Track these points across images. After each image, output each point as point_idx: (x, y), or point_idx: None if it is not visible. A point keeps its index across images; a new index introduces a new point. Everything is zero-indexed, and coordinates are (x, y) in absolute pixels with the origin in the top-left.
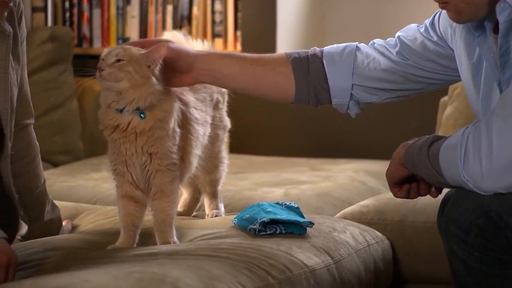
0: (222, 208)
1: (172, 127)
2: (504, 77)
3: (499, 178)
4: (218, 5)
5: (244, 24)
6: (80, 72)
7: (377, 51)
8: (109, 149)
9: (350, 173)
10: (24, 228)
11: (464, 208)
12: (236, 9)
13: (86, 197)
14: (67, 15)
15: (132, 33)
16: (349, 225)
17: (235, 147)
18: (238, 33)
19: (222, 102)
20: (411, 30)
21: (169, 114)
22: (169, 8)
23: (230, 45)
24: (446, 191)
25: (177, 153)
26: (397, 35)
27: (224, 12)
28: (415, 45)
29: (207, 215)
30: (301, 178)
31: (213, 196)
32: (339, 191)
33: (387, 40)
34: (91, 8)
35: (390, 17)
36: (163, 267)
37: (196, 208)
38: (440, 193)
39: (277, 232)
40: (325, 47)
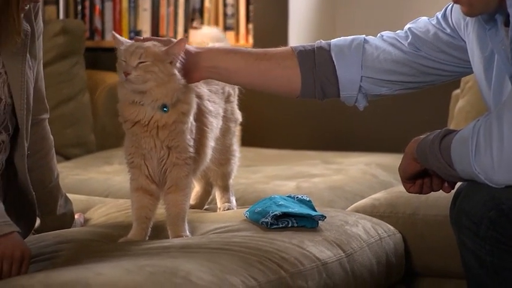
0: (234, 201)
1: (191, 120)
2: None
3: (511, 170)
4: None
5: (256, 17)
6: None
7: (387, 43)
8: (126, 142)
9: (362, 166)
10: (37, 221)
11: (476, 201)
12: (248, 2)
13: (98, 190)
14: (79, 8)
15: (144, 26)
16: (361, 219)
17: (247, 140)
18: (250, 26)
19: (233, 96)
20: (422, 22)
21: (191, 107)
22: (181, 0)
23: (242, 38)
24: (459, 185)
25: (194, 146)
26: (408, 27)
27: (236, 5)
28: (428, 37)
29: (219, 209)
30: (313, 171)
31: (225, 189)
32: (350, 184)
33: (396, 32)
34: (103, 0)
35: (401, 10)
36: (175, 260)
37: (208, 201)
38: (453, 188)
39: (289, 225)
40: (331, 40)
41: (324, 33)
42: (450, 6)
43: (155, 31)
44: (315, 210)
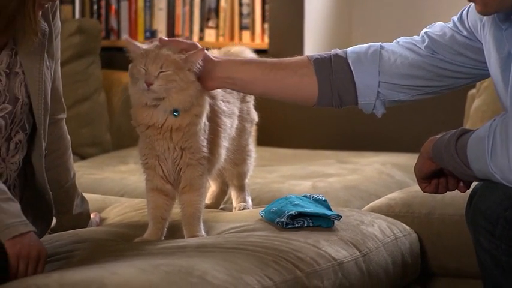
0: (250, 201)
1: (204, 121)
2: None
3: None
4: None
5: (272, 17)
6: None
7: (403, 48)
8: (140, 143)
9: (377, 165)
10: (53, 221)
11: (492, 200)
12: (264, 1)
13: (114, 189)
14: (95, 7)
15: (160, 25)
16: (376, 218)
17: (263, 140)
18: (265, 25)
19: (250, 95)
20: (438, 26)
21: (204, 109)
22: (196, 0)
23: (257, 38)
24: (474, 184)
25: (207, 146)
26: (424, 31)
27: (252, 5)
28: (445, 40)
29: (235, 208)
30: (328, 171)
31: (241, 189)
32: (366, 184)
33: (413, 37)
34: (118, 0)
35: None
36: (191, 260)
37: (224, 201)
38: (469, 188)
39: (305, 225)
40: (348, 48)
41: (339, 32)
42: (466, 9)
43: (171, 31)
44: (331, 210)
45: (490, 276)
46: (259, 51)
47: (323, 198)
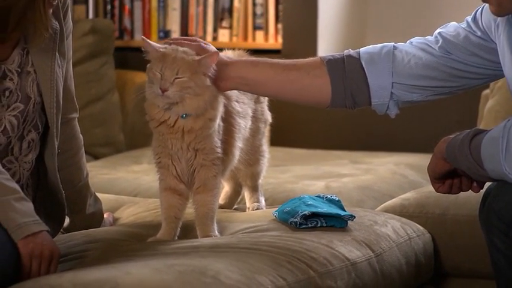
0: (263, 201)
1: (218, 122)
2: None
3: None
4: None
5: (286, 17)
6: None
7: (417, 48)
8: (154, 141)
9: (391, 166)
10: (66, 220)
11: (506, 201)
12: (277, 1)
13: (127, 189)
14: (108, 7)
15: (173, 25)
16: (390, 219)
17: (276, 140)
18: (279, 25)
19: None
20: (452, 27)
21: (218, 112)
22: (210, 0)
23: (271, 38)
24: (488, 185)
25: (221, 147)
26: (438, 32)
27: (265, 5)
28: (458, 40)
29: (248, 208)
30: (342, 171)
31: (254, 189)
32: (379, 184)
33: (426, 37)
34: (132, 0)
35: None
36: (204, 260)
37: (237, 201)
38: (482, 188)
39: (318, 225)
40: (361, 49)
41: (353, 32)
42: (480, 9)
43: (184, 31)
44: (344, 210)
45: (503, 276)
46: (272, 52)
47: (336, 199)
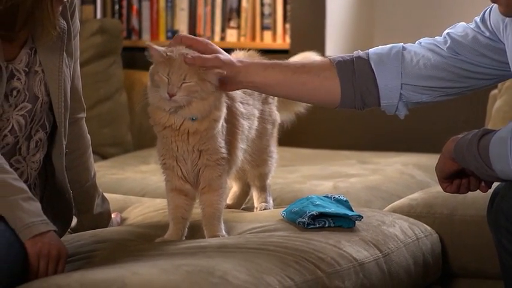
0: (271, 201)
1: (221, 123)
2: None
3: None
4: None
5: (294, 17)
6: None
7: (426, 49)
8: (158, 144)
9: (399, 166)
10: (73, 220)
11: None
12: (285, 1)
13: (135, 189)
14: (116, 7)
15: (181, 25)
16: (398, 219)
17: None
18: (287, 25)
19: (272, 97)
20: (461, 27)
21: (222, 113)
22: (218, 0)
23: (279, 38)
24: (496, 185)
25: (225, 147)
26: (446, 32)
27: (273, 5)
28: (467, 41)
29: (256, 208)
30: (349, 171)
31: (262, 190)
32: (387, 184)
33: (435, 38)
34: (140, 0)
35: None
36: (212, 260)
37: (245, 201)
38: (490, 188)
39: (326, 225)
40: (370, 50)
41: (361, 32)
42: (489, 10)
43: (192, 31)
44: (352, 210)
45: (511, 277)
46: (280, 52)
47: (344, 199)
